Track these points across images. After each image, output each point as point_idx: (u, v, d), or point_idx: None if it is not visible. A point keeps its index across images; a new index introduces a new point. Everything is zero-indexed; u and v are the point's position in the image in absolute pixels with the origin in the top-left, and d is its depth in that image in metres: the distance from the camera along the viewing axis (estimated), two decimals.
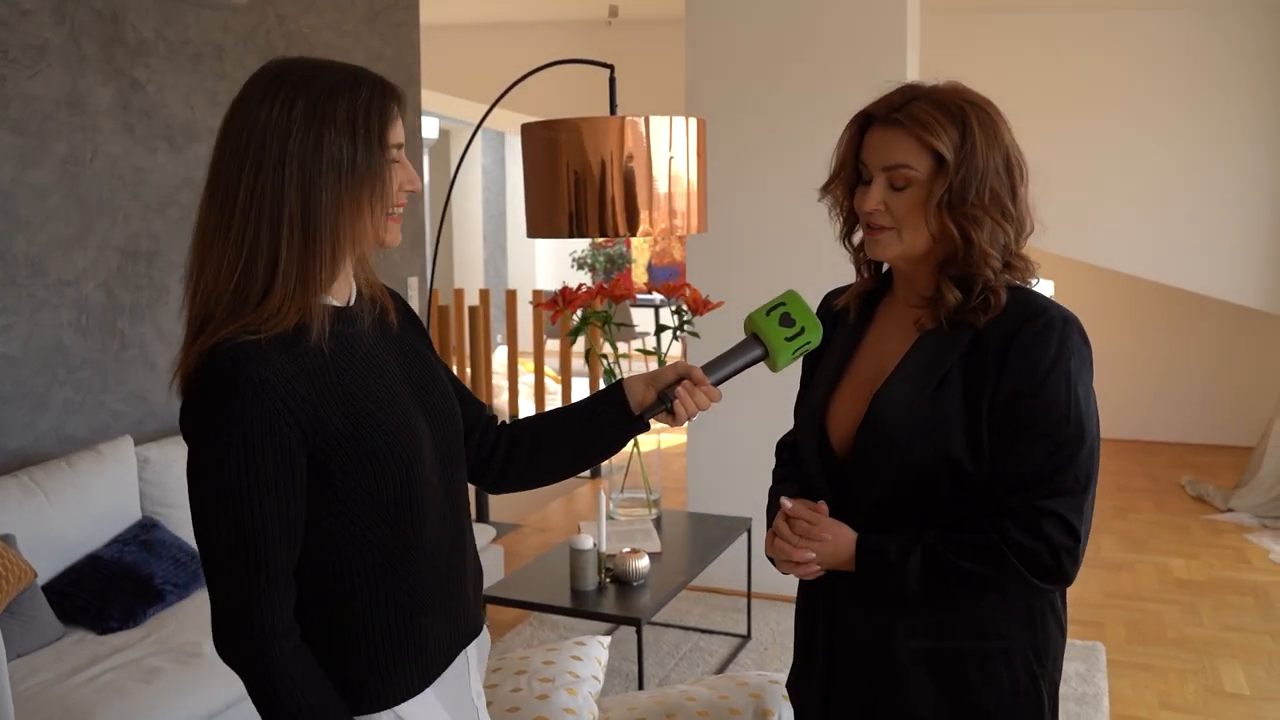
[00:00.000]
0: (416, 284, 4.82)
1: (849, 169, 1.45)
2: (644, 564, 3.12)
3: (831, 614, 1.49)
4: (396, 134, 1.23)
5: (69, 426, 3.28)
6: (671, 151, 2.51)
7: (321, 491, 1.21)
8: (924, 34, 4.39)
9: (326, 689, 1.22)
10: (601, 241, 11.30)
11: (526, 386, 6.97)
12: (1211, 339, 6.70)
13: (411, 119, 4.70)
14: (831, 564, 1.42)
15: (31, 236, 3.14)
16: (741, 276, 4.13)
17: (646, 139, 2.46)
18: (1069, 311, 1.36)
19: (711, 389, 1.43)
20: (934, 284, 1.39)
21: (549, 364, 8.75)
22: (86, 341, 3.33)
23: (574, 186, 2.46)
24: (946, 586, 1.35)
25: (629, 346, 4.54)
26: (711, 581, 4.20)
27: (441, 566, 1.33)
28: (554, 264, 11.82)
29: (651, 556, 3.29)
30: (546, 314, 8.53)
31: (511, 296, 6.62)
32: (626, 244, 11.34)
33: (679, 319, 3.54)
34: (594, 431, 1.48)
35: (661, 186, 2.49)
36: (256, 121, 1.17)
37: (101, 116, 3.34)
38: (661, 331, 3.57)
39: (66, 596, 2.84)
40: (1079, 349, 1.34)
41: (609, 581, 3.13)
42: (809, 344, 1.44)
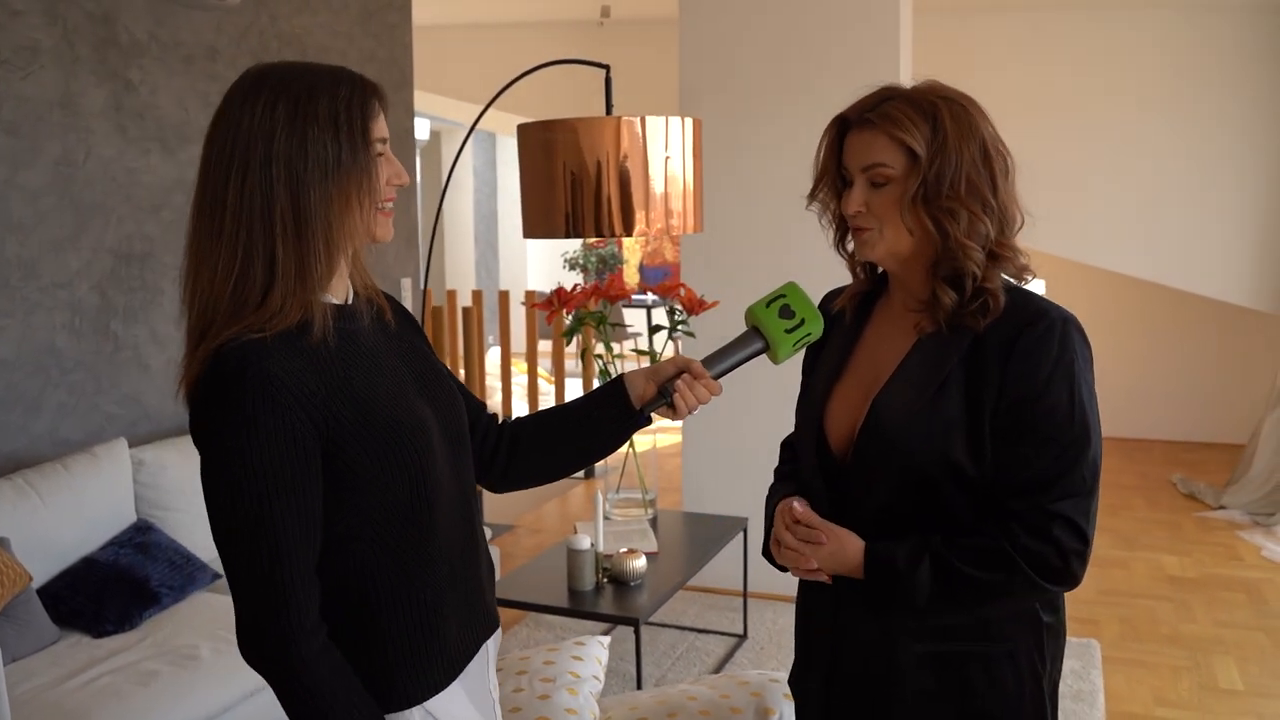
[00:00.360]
0: (410, 285, 4.81)
1: (831, 174, 1.45)
2: (641, 564, 3.12)
3: (835, 616, 1.48)
4: (380, 129, 1.23)
5: (63, 429, 3.27)
6: (668, 151, 2.51)
7: (336, 488, 1.21)
8: (916, 33, 4.40)
9: (356, 687, 1.21)
10: (593, 242, 11.30)
11: (520, 387, 6.96)
12: (1201, 337, 6.73)
13: (404, 119, 4.69)
14: (838, 570, 1.41)
15: (24, 238, 3.13)
16: (736, 276, 4.14)
17: (643, 139, 2.46)
18: (1069, 312, 1.36)
19: (712, 382, 1.42)
20: (929, 287, 1.39)
21: (542, 365, 8.75)
22: (80, 344, 3.31)
23: (570, 187, 2.45)
24: (955, 593, 1.34)
25: (621, 347, 4.54)
26: (707, 581, 4.20)
27: (457, 560, 1.33)
28: (546, 265, 11.81)
29: (648, 556, 3.29)
30: (540, 314, 8.54)
31: (504, 297, 6.61)
32: (618, 244, 11.33)
33: (671, 319, 3.54)
34: (595, 427, 1.48)
35: (658, 187, 2.49)
36: (240, 126, 1.17)
37: (94, 118, 3.32)
38: (656, 331, 3.57)
39: (62, 600, 2.82)
40: (1080, 350, 1.34)
41: (606, 582, 3.13)
42: (810, 335, 1.43)
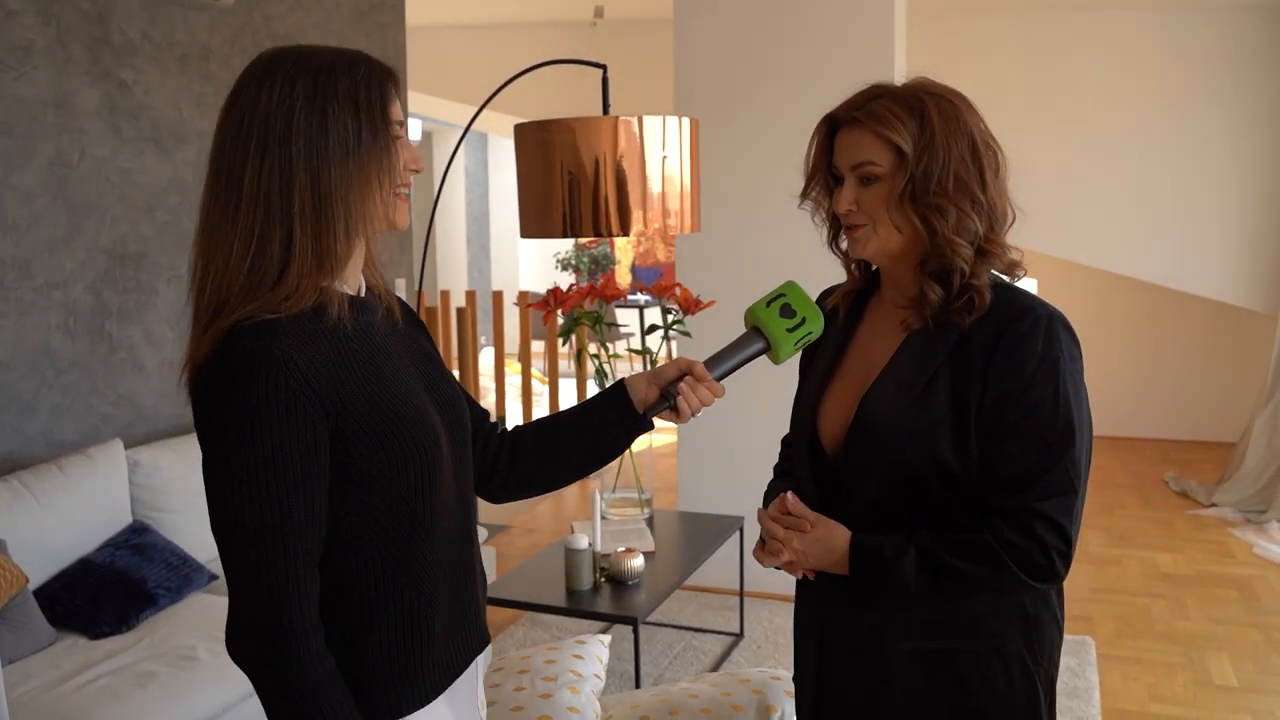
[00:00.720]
0: (404, 286, 4.80)
1: (822, 173, 1.45)
2: (639, 563, 3.12)
3: (824, 614, 1.49)
4: (397, 111, 1.21)
5: (57, 430, 3.26)
6: (665, 151, 2.51)
7: (340, 481, 1.17)
8: (910, 33, 4.42)
9: (347, 697, 1.17)
10: (585, 242, 11.30)
11: (513, 388, 6.96)
12: (1193, 336, 6.76)
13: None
14: (825, 563, 1.41)
15: (18, 239, 3.12)
16: (731, 276, 4.14)
17: (640, 139, 2.46)
18: (1055, 309, 1.36)
19: (715, 384, 1.40)
20: (918, 284, 1.39)
21: (535, 365, 8.75)
22: (74, 344, 3.30)
23: (568, 186, 2.45)
24: (941, 586, 1.34)
25: (614, 347, 4.54)
26: (704, 580, 4.21)
27: (451, 568, 1.29)
28: (538, 266, 11.80)
29: (645, 556, 3.29)
30: (535, 315, 8.55)
31: (498, 298, 6.61)
32: (610, 245, 11.33)
33: (665, 318, 3.54)
34: (598, 433, 1.45)
35: (655, 186, 2.49)
36: (257, 105, 1.14)
37: (88, 118, 3.31)
38: (652, 331, 3.57)
39: (58, 601, 2.81)
40: (1066, 347, 1.34)
41: (604, 581, 3.13)
42: (811, 334, 1.42)
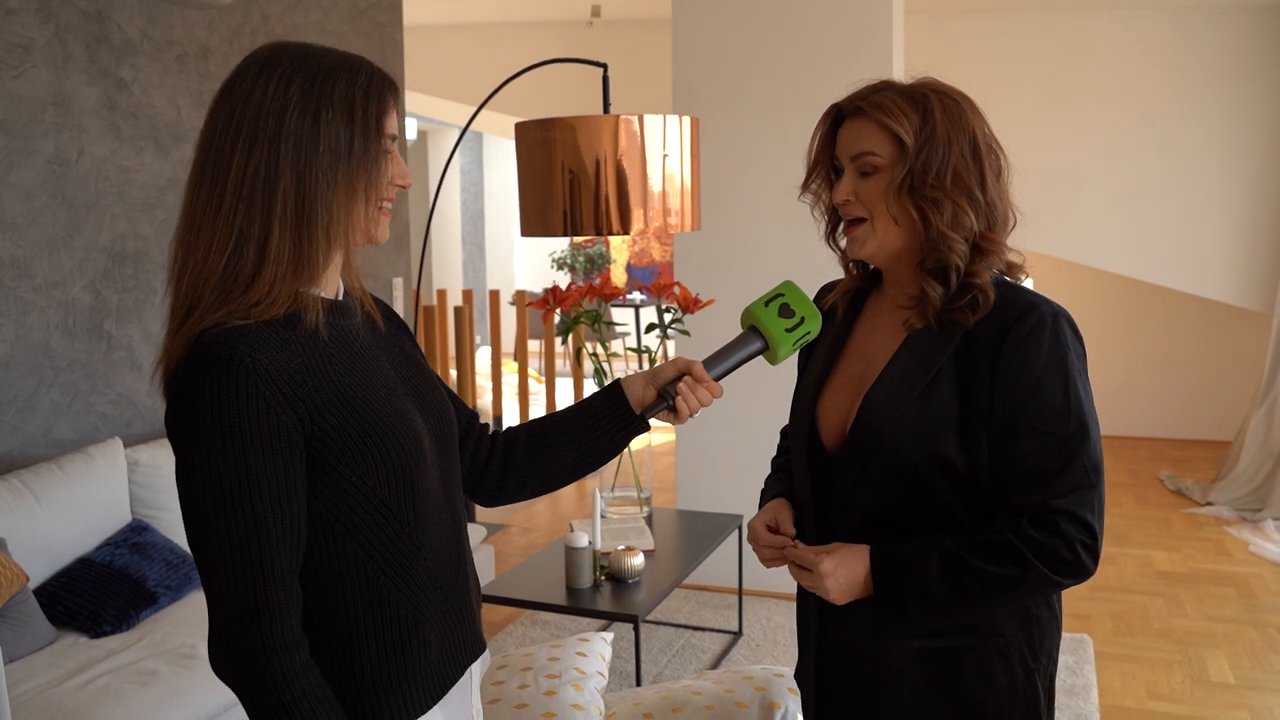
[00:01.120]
0: (402, 285, 4.80)
1: (824, 164, 1.45)
2: (639, 561, 3.13)
3: (823, 612, 1.48)
4: (392, 124, 1.19)
5: (57, 429, 3.25)
6: (665, 150, 2.52)
7: (320, 490, 1.14)
8: (909, 33, 4.43)
9: (335, 707, 1.13)
10: (581, 242, 11.29)
11: (510, 387, 6.96)
12: (1188, 335, 6.78)
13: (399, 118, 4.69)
14: (854, 577, 1.36)
15: (17, 238, 3.11)
16: (729, 274, 4.15)
17: (641, 138, 2.47)
18: (1059, 306, 1.35)
19: (713, 384, 1.39)
20: (918, 283, 1.39)
21: (531, 365, 8.75)
22: (73, 344, 3.30)
23: (568, 185, 2.46)
24: (967, 589, 1.31)
25: (610, 346, 4.55)
26: (702, 579, 4.22)
27: (441, 575, 1.26)
28: (534, 265, 11.79)
29: (645, 554, 3.30)
30: (532, 314, 8.55)
31: (494, 297, 6.61)
32: (606, 244, 11.33)
33: (660, 317, 3.55)
34: (594, 433, 1.41)
35: (655, 185, 2.50)
36: (251, 98, 1.12)
37: (87, 117, 3.31)
38: (650, 330, 3.57)
39: (58, 600, 2.81)
40: (1072, 343, 1.33)
41: (604, 579, 3.14)
42: (809, 334, 1.41)
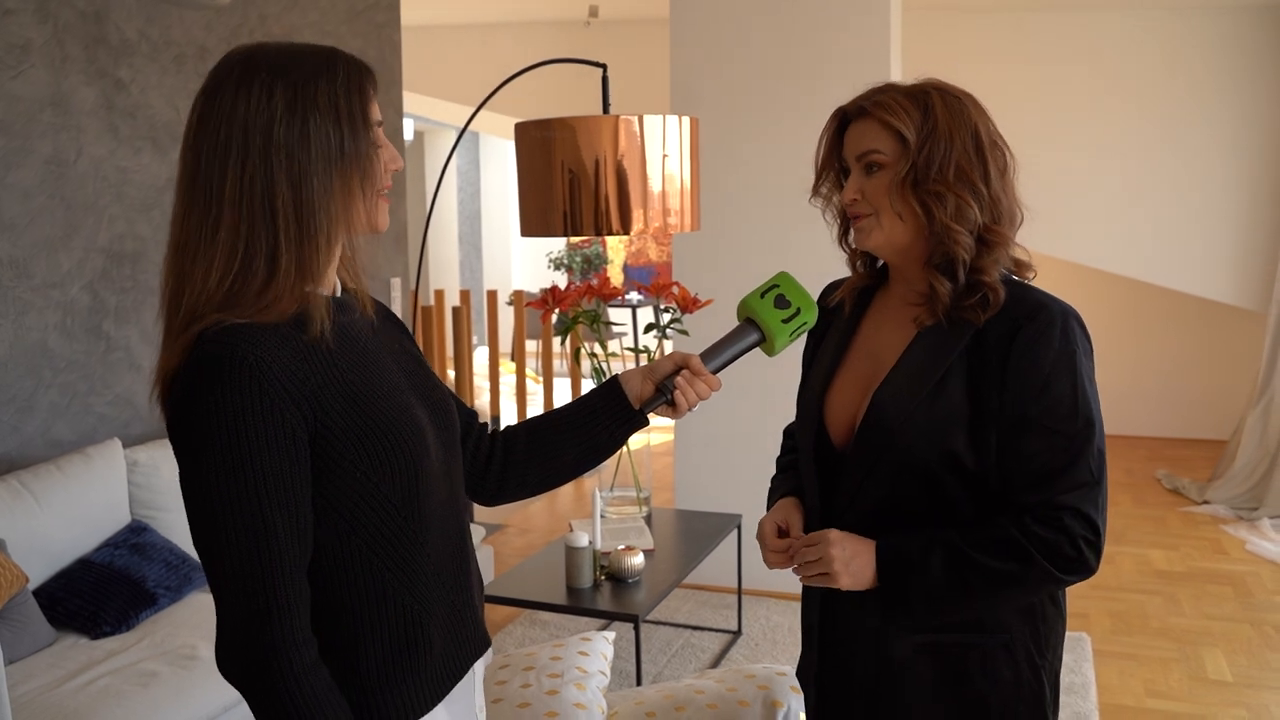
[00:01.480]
0: (400, 285, 4.80)
1: (832, 167, 1.47)
2: (639, 561, 3.13)
3: (827, 607, 1.49)
4: (376, 112, 1.19)
5: (55, 430, 3.25)
6: (665, 150, 2.52)
7: (324, 487, 1.14)
8: (906, 32, 4.43)
9: (343, 708, 1.13)
10: (577, 242, 11.30)
11: (507, 387, 6.97)
12: (1185, 334, 6.80)
13: (394, 119, 4.68)
14: (863, 569, 1.36)
15: (16, 238, 3.11)
16: (727, 274, 4.15)
17: (640, 138, 2.47)
18: (1068, 305, 1.37)
19: (711, 377, 1.39)
20: (926, 280, 1.40)
21: (529, 365, 8.75)
22: (72, 344, 3.29)
23: (568, 185, 2.46)
24: (970, 584, 1.32)
25: (607, 346, 4.55)
26: (701, 578, 4.22)
27: (446, 572, 1.26)
28: (530, 265, 11.79)
29: (644, 554, 3.30)
30: (529, 314, 8.55)
31: (492, 297, 6.62)
32: (603, 244, 11.34)
33: (657, 317, 3.55)
34: (593, 429, 1.41)
35: (655, 185, 2.50)
36: (235, 113, 1.11)
37: (85, 117, 3.31)
38: (649, 330, 3.58)
39: (58, 601, 2.81)
40: (1081, 343, 1.35)
41: (604, 579, 3.14)
42: (806, 324, 1.41)
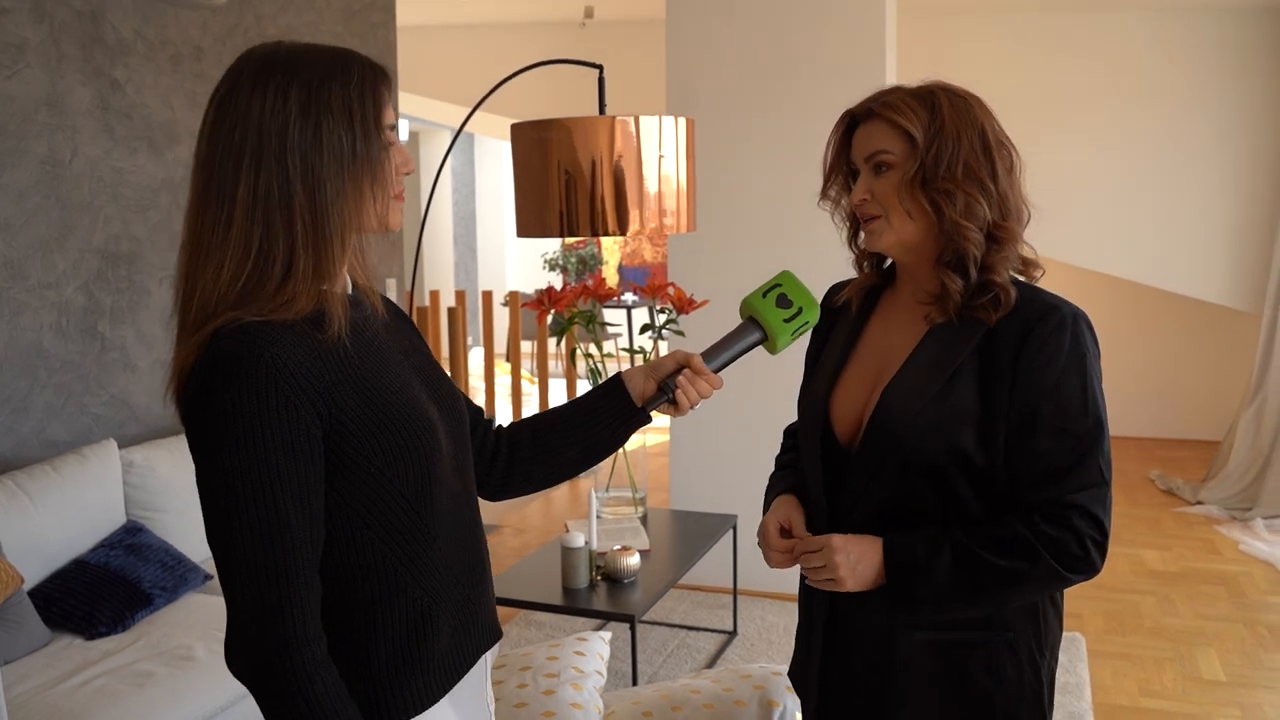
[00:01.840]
0: (395, 286, 4.80)
1: (840, 170, 1.48)
2: (635, 561, 3.13)
3: (834, 605, 1.49)
4: (389, 115, 1.20)
5: (50, 430, 3.24)
6: (661, 151, 2.53)
7: (338, 482, 1.15)
8: (901, 33, 4.44)
9: (350, 706, 1.14)
10: (572, 243, 11.30)
11: (503, 388, 6.97)
12: (1178, 335, 6.82)
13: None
14: (870, 572, 1.37)
15: (11, 239, 3.10)
16: (722, 274, 4.16)
17: (637, 139, 2.48)
18: (1078, 308, 1.38)
19: (713, 376, 1.40)
20: (937, 279, 1.41)
21: (524, 366, 8.74)
22: (67, 345, 3.29)
23: (565, 186, 2.47)
24: (978, 583, 1.33)
25: (603, 347, 4.56)
26: (697, 579, 4.22)
27: (458, 564, 1.27)
28: (525, 266, 11.79)
29: (640, 554, 3.30)
30: (525, 315, 8.54)
31: (487, 298, 6.61)
32: (598, 245, 11.35)
33: (653, 318, 3.55)
34: (596, 427, 1.43)
35: (652, 186, 2.51)
36: (249, 115, 1.12)
37: (81, 117, 3.30)
38: (644, 331, 3.58)
39: (53, 602, 2.80)
40: (1090, 345, 1.37)
41: (600, 579, 3.14)
42: (807, 324, 1.42)
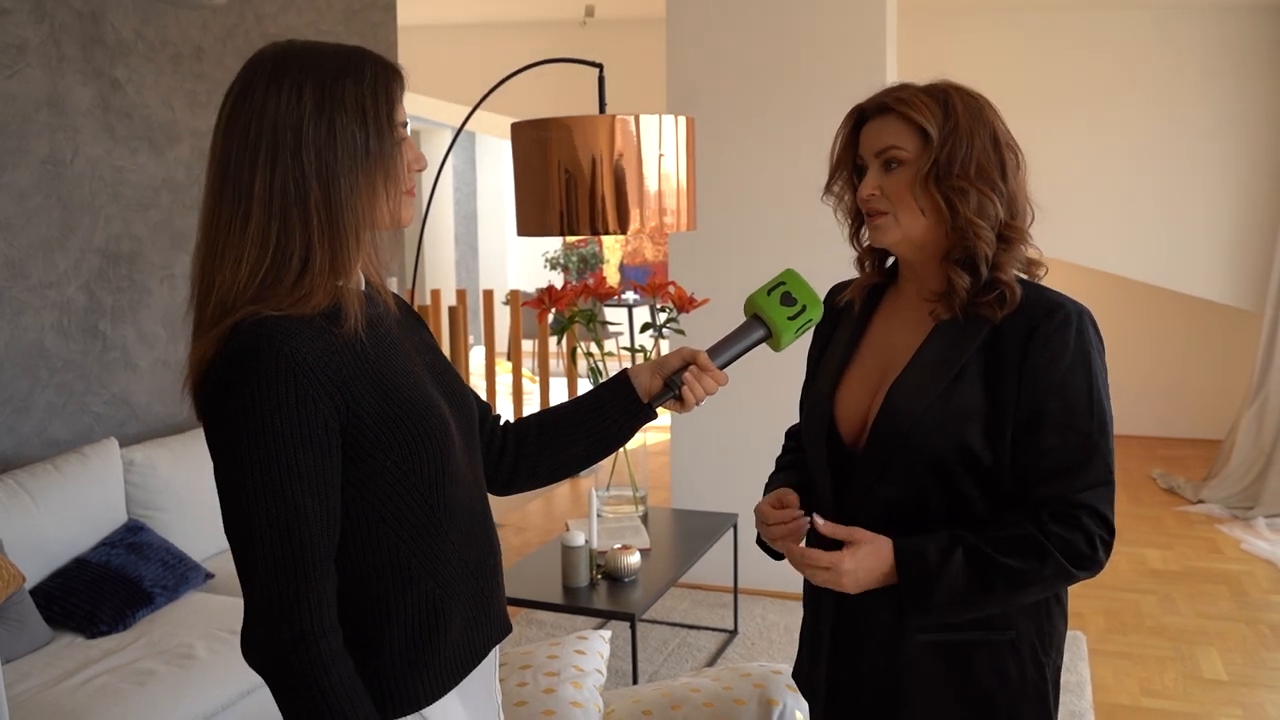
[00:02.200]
0: (396, 284, 4.80)
1: (846, 166, 1.47)
2: (635, 560, 3.13)
3: (841, 606, 1.49)
4: (401, 112, 1.21)
5: (51, 429, 3.25)
6: (661, 150, 2.53)
7: (353, 475, 1.17)
8: (902, 32, 4.44)
9: (364, 698, 1.15)
10: (573, 242, 11.30)
11: (504, 387, 6.97)
12: (1179, 334, 6.81)
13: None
14: (876, 576, 1.37)
15: (12, 238, 3.11)
16: (723, 273, 4.16)
17: (637, 138, 2.48)
18: (1083, 305, 1.39)
19: (718, 373, 1.42)
20: (943, 276, 1.41)
21: (525, 365, 8.74)
22: (68, 344, 3.29)
23: (565, 185, 2.47)
24: (990, 584, 1.33)
25: (604, 346, 4.56)
26: (697, 577, 4.22)
27: (470, 557, 1.29)
28: (526, 265, 11.79)
29: (641, 553, 3.30)
30: (526, 314, 8.54)
31: (488, 297, 6.61)
32: (599, 244, 11.34)
33: (654, 316, 3.55)
34: (602, 423, 1.45)
35: (651, 185, 2.51)
36: (265, 112, 1.13)
37: (81, 117, 3.31)
38: (645, 329, 3.58)
39: (54, 600, 2.81)
40: (1094, 342, 1.37)
41: (600, 578, 3.15)
42: (811, 321, 1.43)
